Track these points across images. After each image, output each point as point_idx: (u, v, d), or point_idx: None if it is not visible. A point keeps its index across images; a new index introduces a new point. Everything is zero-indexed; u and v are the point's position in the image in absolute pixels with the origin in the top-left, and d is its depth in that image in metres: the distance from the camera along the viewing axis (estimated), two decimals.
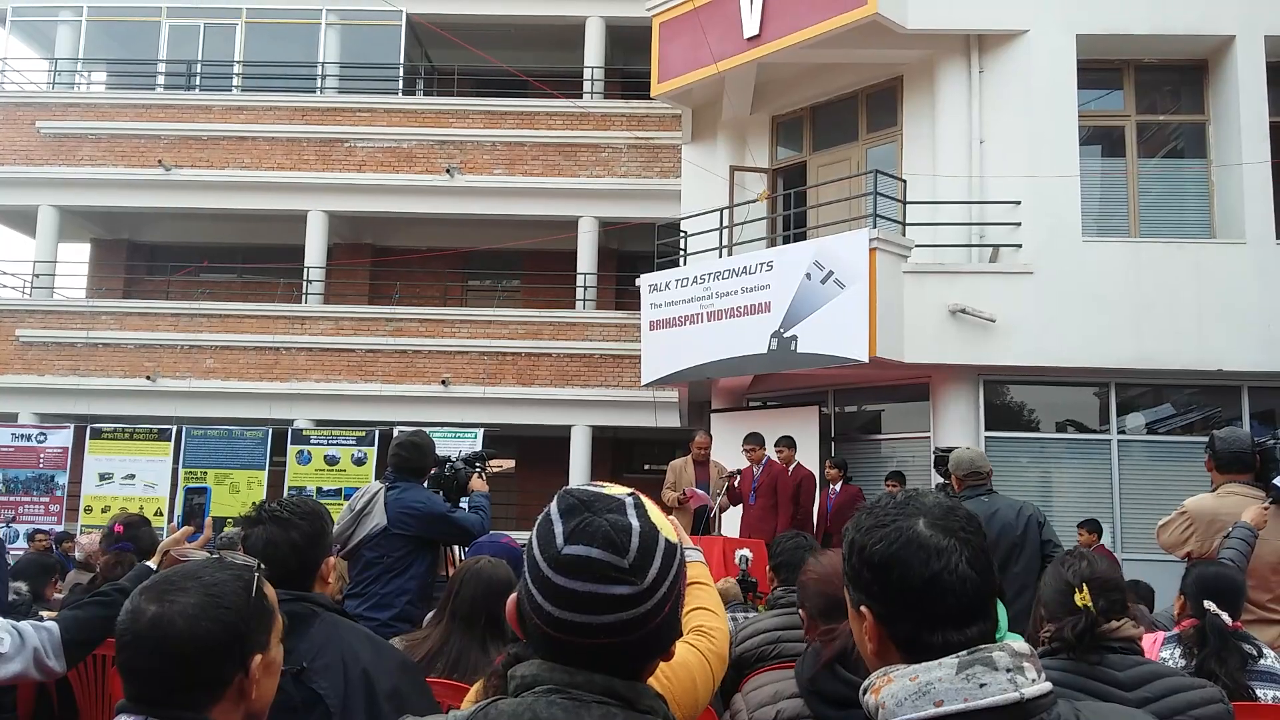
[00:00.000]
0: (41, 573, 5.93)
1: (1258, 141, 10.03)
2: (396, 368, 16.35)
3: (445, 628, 3.13)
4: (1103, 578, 2.61)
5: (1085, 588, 2.54)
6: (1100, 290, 9.82)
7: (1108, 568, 2.69)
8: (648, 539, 1.25)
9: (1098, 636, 2.50)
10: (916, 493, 1.37)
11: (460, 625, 3.12)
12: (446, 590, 3.25)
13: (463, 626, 3.11)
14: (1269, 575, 4.28)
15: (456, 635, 3.10)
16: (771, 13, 10.95)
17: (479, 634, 3.11)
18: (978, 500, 5.43)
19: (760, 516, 9.01)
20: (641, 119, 16.83)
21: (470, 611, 3.11)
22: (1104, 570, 2.66)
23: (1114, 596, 2.59)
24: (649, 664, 1.29)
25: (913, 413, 10.93)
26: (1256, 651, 3.19)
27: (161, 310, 16.90)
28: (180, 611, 1.51)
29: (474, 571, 3.20)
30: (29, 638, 2.75)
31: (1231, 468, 4.50)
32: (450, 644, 3.08)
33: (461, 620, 3.12)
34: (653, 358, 11.40)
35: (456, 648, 3.07)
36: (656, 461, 14.46)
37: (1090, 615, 2.50)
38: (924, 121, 11.06)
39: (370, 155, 17.10)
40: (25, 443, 14.91)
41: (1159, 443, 10.27)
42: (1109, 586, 2.60)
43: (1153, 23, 10.26)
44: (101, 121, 17.41)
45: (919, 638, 1.27)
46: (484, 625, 3.12)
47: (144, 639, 1.50)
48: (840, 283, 9.60)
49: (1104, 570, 2.66)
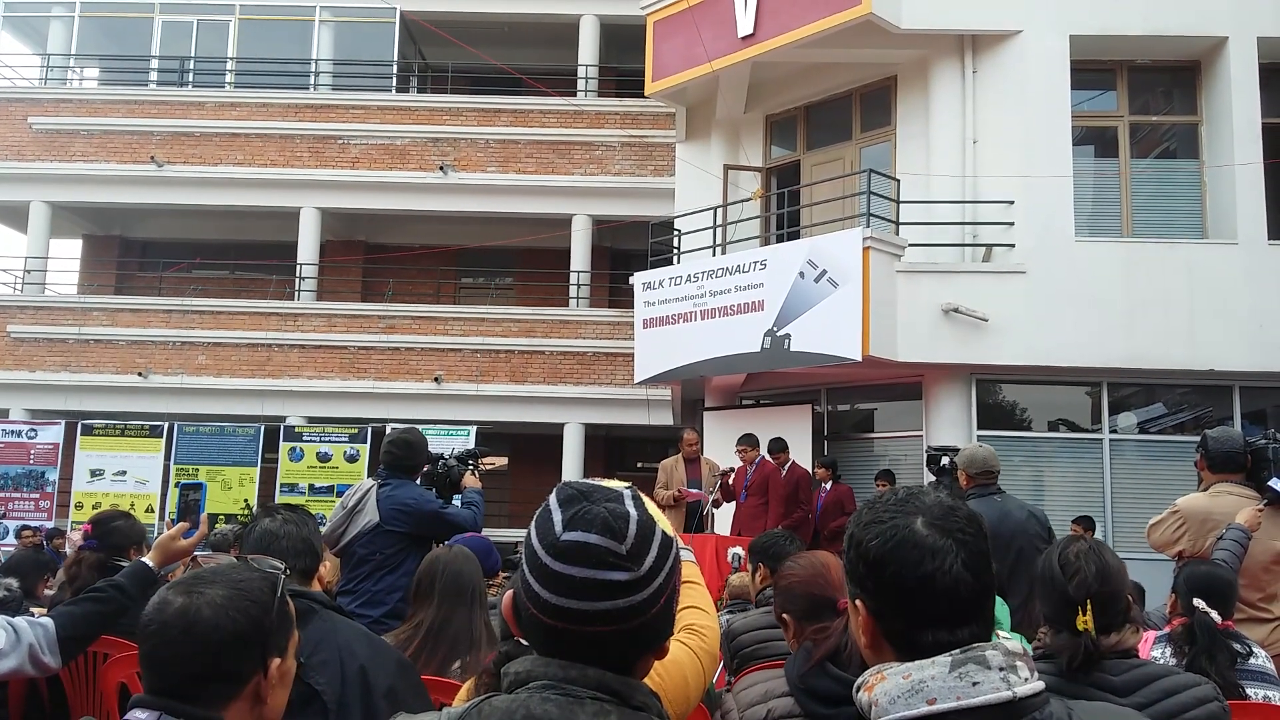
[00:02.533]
0: (34, 569, 5.91)
1: (1250, 142, 10.06)
2: (389, 365, 16.34)
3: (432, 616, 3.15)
4: (1109, 592, 2.45)
5: (1089, 607, 2.39)
6: (1093, 290, 9.85)
7: (1116, 572, 2.49)
8: (645, 527, 1.26)
9: (1100, 656, 2.42)
10: (920, 490, 1.37)
11: (447, 604, 3.16)
12: (415, 586, 3.26)
13: (449, 604, 3.16)
14: (1260, 574, 4.30)
15: (450, 614, 3.14)
16: (765, 12, 10.95)
17: (466, 605, 3.17)
18: (988, 500, 5.17)
19: (752, 514, 9.05)
20: (635, 117, 16.82)
21: (456, 588, 3.16)
22: (1111, 579, 2.47)
23: (1119, 607, 2.46)
24: (644, 658, 1.29)
25: (906, 412, 10.95)
26: (1246, 650, 3.20)
27: (153, 306, 16.88)
28: (208, 601, 1.52)
29: (435, 558, 3.24)
30: (24, 634, 2.74)
31: (1224, 467, 4.51)
32: (449, 624, 3.13)
33: (449, 600, 3.16)
34: (646, 356, 11.40)
35: (452, 627, 3.12)
36: (649, 460, 14.50)
37: (1089, 641, 2.39)
38: (918, 121, 11.08)
39: (364, 152, 17.08)
40: (16, 439, 14.87)
41: (1151, 442, 10.30)
42: (1115, 597, 2.46)
43: (1146, 24, 10.28)
44: (94, 117, 17.37)
45: (911, 635, 1.27)
46: (469, 598, 3.18)
47: (170, 627, 1.51)
48: (833, 282, 9.61)
49: (1111, 579, 2.47)
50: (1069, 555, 2.52)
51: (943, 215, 10.51)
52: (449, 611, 3.14)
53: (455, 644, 3.10)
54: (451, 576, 3.20)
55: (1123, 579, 2.53)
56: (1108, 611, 2.46)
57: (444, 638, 3.10)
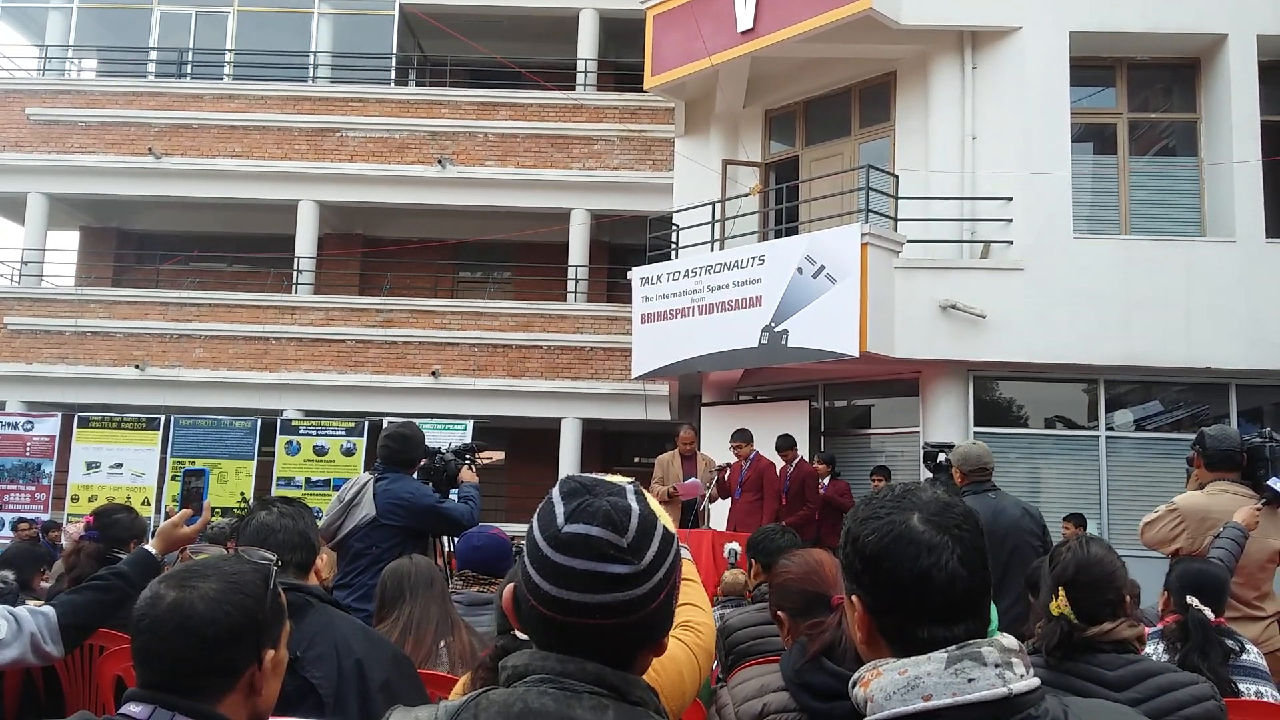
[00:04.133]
0: (30, 562, 5.91)
1: (1248, 140, 10.07)
2: (386, 359, 16.33)
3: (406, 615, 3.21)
4: (1090, 579, 2.48)
5: (1062, 593, 2.45)
6: (1090, 287, 9.85)
7: (1100, 561, 2.52)
8: (647, 522, 1.26)
9: (1084, 642, 2.44)
10: (917, 486, 1.36)
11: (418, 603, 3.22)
12: (384, 598, 3.31)
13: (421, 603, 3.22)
14: (1257, 573, 4.31)
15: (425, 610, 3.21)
16: (765, 6, 10.94)
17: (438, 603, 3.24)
18: (983, 497, 5.18)
19: (747, 510, 9.05)
20: (634, 112, 16.80)
21: (422, 615, 3.20)
22: (1094, 566, 2.50)
23: (1106, 596, 2.47)
24: (642, 653, 1.29)
25: (903, 408, 10.96)
26: (1239, 647, 3.22)
27: (151, 299, 16.84)
28: (201, 595, 1.52)
29: (394, 568, 3.33)
30: (25, 623, 2.75)
31: (1221, 466, 4.52)
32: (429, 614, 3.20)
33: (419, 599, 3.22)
34: (643, 351, 11.40)
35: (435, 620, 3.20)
36: (646, 455, 14.49)
37: (1066, 624, 2.43)
38: (917, 117, 11.08)
39: (362, 145, 17.05)
40: (12, 430, 14.85)
41: (1147, 439, 10.32)
42: (1099, 585, 2.48)
43: (1146, 21, 10.28)
44: (92, 109, 17.33)
45: (906, 632, 1.27)
46: (440, 596, 3.26)
47: (163, 621, 1.51)
48: (831, 277, 9.61)
49: (1094, 566, 2.50)
50: (1060, 549, 2.59)
51: (941, 211, 10.52)
52: (425, 602, 3.22)
53: (437, 631, 3.18)
54: (420, 572, 3.29)
55: (1107, 567, 2.54)
56: (1090, 599, 2.47)
57: (426, 627, 3.17)
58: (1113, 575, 2.53)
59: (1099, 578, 2.51)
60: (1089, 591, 2.48)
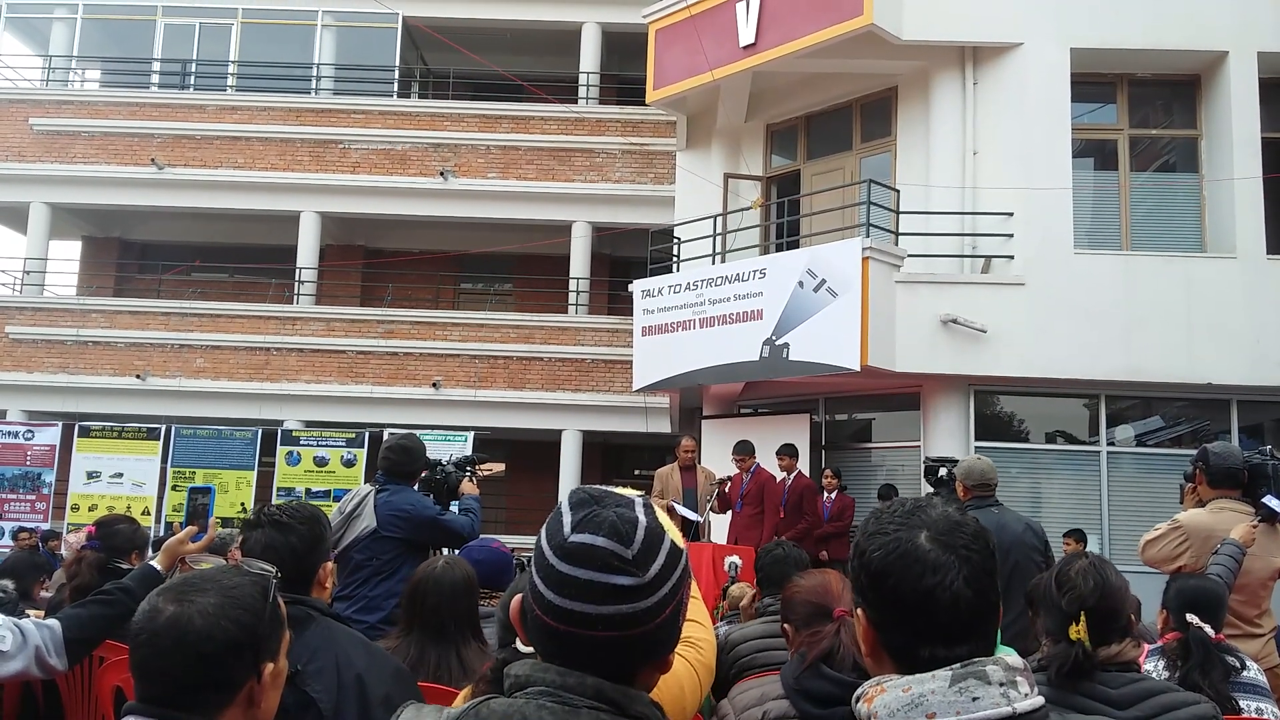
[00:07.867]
0: (30, 571, 5.90)
1: (1249, 157, 10.08)
2: (387, 370, 16.33)
3: (416, 640, 3.08)
4: (1109, 606, 2.48)
5: (1083, 619, 2.43)
6: (1091, 302, 9.85)
7: (1120, 589, 2.53)
8: (653, 535, 1.26)
9: (1092, 666, 2.44)
10: (928, 503, 1.35)
11: (430, 635, 3.08)
12: (407, 599, 3.19)
13: (433, 636, 3.08)
14: (1258, 590, 4.30)
15: (429, 647, 3.06)
16: (767, 21, 10.97)
17: (450, 639, 3.08)
18: (986, 512, 5.15)
19: (747, 524, 9.04)
20: (636, 125, 16.84)
21: (439, 621, 3.09)
22: (1114, 594, 2.50)
23: (1119, 622, 2.48)
24: (646, 669, 1.29)
25: (903, 422, 10.95)
26: (1239, 664, 3.21)
27: (152, 309, 16.86)
28: (199, 610, 1.51)
29: (434, 579, 3.15)
30: (30, 636, 2.74)
31: (1224, 483, 4.51)
32: (426, 655, 3.04)
33: (431, 630, 3.08)
34: (644, 363, 11.41)
35: (433, 658, 3.04)
36: (647, 467, 14.49)
37: (1082, 650, 2.42)
38: (918, 132, 11.10)
39: (364, 157, 17.09)
40: (13, 440, 14.84)
41: (1148, 455, 10.30)
42: (1116, 612, 2.49)
43: (1147, 37, 10.31)
44: (95, 119, 17.38)
45: (909, 649, 1.27)
46: (454, 630, 3.10)
47: (161, 637, 1.49)
48: (833, 291, 9.62)
49: (1114, 594, 2.50)
50: (1069, 571, 2.57)
51: (942, 226, 10.52)
52: (438, 627, 3.10)
53: (445, 655, 3.07)
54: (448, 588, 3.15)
55: (1122, 597, 2.55)
56: (1104, 626, 2.47)
57: (434, 649, 3.07)
58: (1124, 603, 2.55)
59: (1114, 608, 2.51)
60: (1108, 619, 2.48)
